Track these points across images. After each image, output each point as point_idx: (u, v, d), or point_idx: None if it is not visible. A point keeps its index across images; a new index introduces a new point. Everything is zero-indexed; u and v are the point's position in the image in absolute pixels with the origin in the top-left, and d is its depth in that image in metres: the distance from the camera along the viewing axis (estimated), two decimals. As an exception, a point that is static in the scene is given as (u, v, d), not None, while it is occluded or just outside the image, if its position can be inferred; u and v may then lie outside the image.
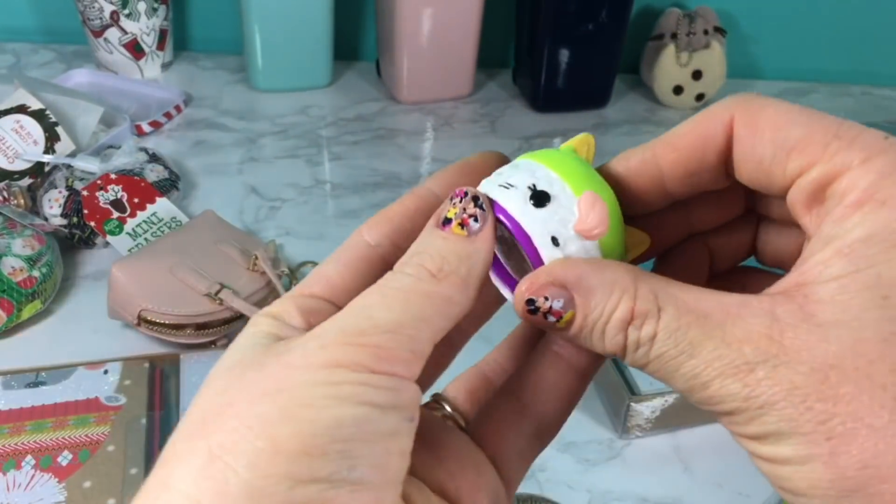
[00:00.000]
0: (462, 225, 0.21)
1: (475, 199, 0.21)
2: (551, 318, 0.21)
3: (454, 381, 0.26)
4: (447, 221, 0.21)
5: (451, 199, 0.21)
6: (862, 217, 0.18)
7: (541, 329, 0.23)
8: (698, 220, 0.25)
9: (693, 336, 0.19)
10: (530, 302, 0.21)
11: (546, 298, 0.20)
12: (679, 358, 0.19)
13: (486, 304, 0.25)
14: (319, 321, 0.20)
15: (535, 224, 0.21)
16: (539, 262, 0.21)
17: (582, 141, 0.23)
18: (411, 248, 0.21)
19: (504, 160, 0.24)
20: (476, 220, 0.21)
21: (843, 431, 0.17)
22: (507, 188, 0.21)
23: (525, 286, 0.21)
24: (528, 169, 0.22)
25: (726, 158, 0.21)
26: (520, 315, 0.21)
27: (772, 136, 0.20)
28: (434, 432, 0.23)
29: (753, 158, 0.21)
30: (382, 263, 0.22)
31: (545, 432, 0.24)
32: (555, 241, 0.21)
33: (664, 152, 0.22)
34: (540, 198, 0.21)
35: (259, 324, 0.21)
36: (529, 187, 0.21)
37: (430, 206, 0.23)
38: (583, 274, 0.20)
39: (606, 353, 0.21)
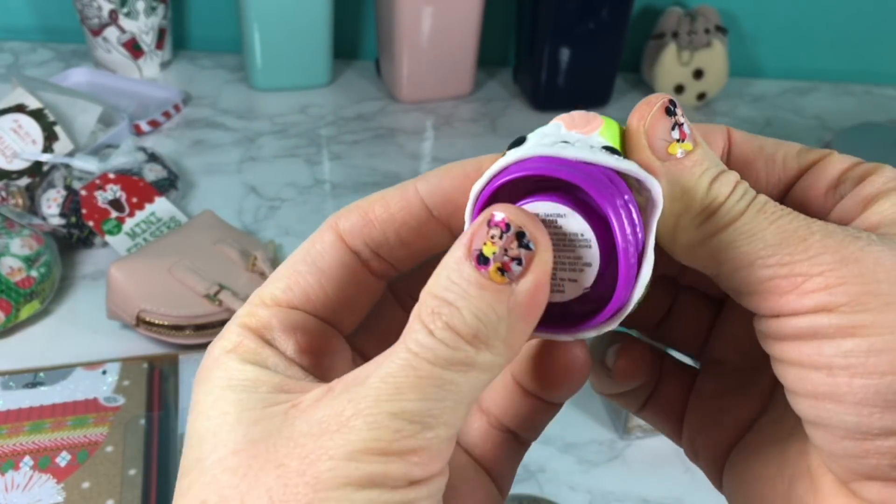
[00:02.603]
0: (502, 270, 0.16)
1: (519, 235, 0.16)
2: (676, 134, 0.19)
3: None
4: (483, 260, 0.16)
5: (488, 229, 0.16)
6: None
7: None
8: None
9: (788, 209, 0.18)
10: (673, 104, 0.19)
11: (682, 114, 0.19)
12: (778, 212, 0.18)
13: None
14: (310, 343, 0.19)
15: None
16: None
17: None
18: (434, 287, 0.16)
19: None
20: (520, 262, 0.16)
21: None
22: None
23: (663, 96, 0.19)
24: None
25: None
26: (649, 121, 0.19)
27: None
28: None
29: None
30: (366, 276, 0.21)
31: (527, 440, 0.23)
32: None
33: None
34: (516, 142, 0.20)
35: (237, 348, 0.18)
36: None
37: (416, 218, 0.20)
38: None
39: (701, 202, 0.18)
